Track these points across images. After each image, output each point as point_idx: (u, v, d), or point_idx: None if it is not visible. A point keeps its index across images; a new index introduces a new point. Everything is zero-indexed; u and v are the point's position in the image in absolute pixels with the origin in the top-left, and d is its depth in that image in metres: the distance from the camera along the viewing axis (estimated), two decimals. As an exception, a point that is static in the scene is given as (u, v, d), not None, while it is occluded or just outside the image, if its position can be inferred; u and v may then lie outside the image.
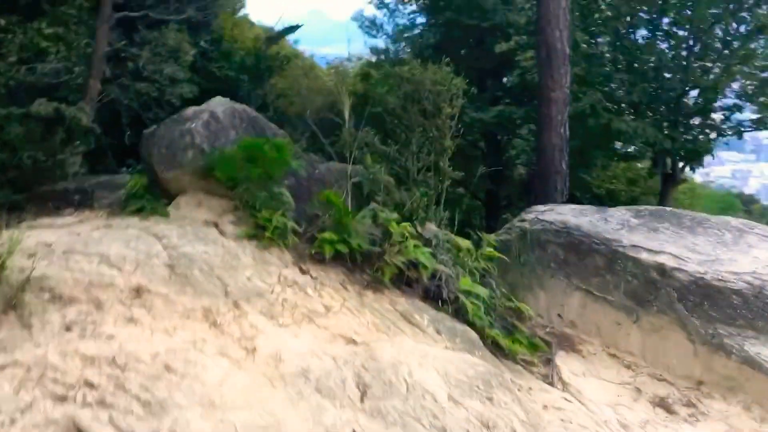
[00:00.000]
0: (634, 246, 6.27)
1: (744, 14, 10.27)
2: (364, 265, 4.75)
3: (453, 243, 5.30)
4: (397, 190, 5.38)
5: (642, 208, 7.28)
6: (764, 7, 10.02)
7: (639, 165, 12.89)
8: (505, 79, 13.57)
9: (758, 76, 10.52)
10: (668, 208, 7.32)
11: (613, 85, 11.14)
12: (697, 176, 12.09)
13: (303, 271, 4.61)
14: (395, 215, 4.97)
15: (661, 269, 6.01)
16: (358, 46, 17.46)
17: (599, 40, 11.43)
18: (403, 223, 4.99)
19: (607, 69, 11.29)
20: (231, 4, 13.46)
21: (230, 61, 12.63)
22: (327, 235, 4.74)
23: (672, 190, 12.10)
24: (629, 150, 11.57)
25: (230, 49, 12.95)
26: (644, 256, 6.15)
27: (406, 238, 4.83)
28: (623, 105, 11.17)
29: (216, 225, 4.85)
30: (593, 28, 11.19)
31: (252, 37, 14.33)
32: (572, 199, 9.42)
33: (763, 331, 5.69)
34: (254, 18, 16.64)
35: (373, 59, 15.21)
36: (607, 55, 11.55)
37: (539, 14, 8.17)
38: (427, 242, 5.03)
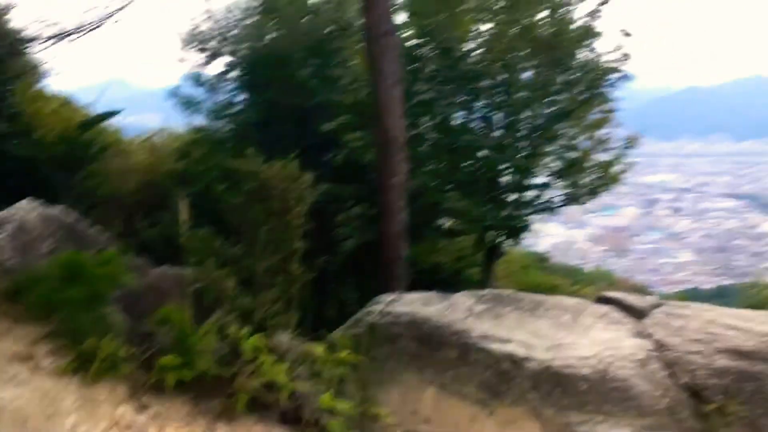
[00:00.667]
0: (484, 336, 6.23)
1: (551, 98, 11.11)
2: (214, 392, 4.17)
3: (308, 351, 4.87)
4: (244, 297, 4.87)
5: (483, 292, 7.35)
6: (569, 93, 10.90)
7: (458, 239, 13.29)
8: (330, 155, 13.49)
9: (565, 156, 11.36)
10: (507, 291, 7.45)
11: (437, 165, 11.50)
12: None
13: (141, 407, 3.92)
14: (245, 329, 4.45)
15: (512, 359, 6.01)
16: (168, 115, 16.67)
17: (422, 120, 11.77)
18: (254, 337, 4.48)
19: (431, 149, 11.65)
20: (30, 77, 12.18)
21: (29, 138, 11.35)
22: (168, 359, 4.11)
23: (494, 263, 12.60)
24: (455, 226, 11.90)
25: (29, 125, 11.64)
26: (495, 346, 6.12)
27: (260, 354, 4.32)
28: (448, 184, 11.53)
29: (29, 359, 4.01)
30: (416, 110, 11.51)
31: (54, 108, 13.04)
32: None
33: (611, 415, 5.82)
34: (55, 87, 15.19)
35: (192, 135, 14.51)
36: (430, 135, 11.94)
37: (376, 103, 8.21)
38: (281, 356, 4.56)
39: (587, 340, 6.31)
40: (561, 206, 11.70)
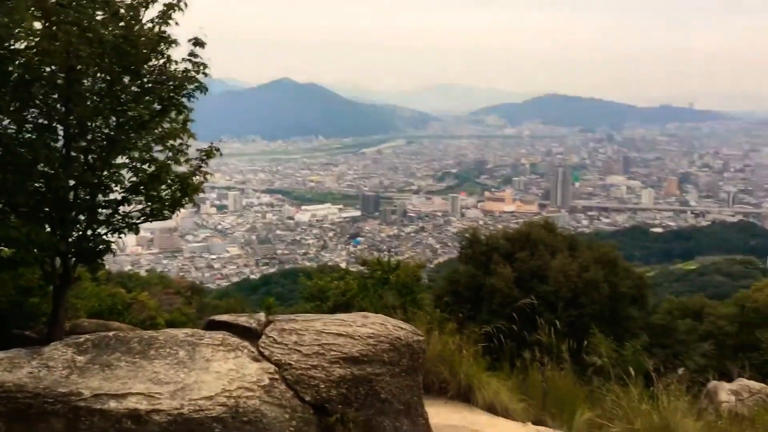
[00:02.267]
0: (97, 395, 5.32)
1: (122, 108, 10.18)
2: None
3: None
4: None
5: (82, 338, 6.29)
6: (143, 102, 10.13)
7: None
8: None
9: (143, 170, 10.58)
10: (111, 333, 6.53)
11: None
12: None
13: None
14: None
15: (136, 416, 5.27)
16: None
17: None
18: None
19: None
20: None
21: None
22: None
23: (67, 291, 11.14)
24: (15, 256, 10.04)
25: None
26: (113, 405, 5.28)
27: None
28: (5, 207, 9.68)
29: None
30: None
31: None
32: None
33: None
34: None
35: None
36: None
37: None
38: None
39: (211, 375, 5.92)
40: (142, 222, 10.92)
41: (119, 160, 10.71)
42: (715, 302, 26.24)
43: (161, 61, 10.12)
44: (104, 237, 10.60)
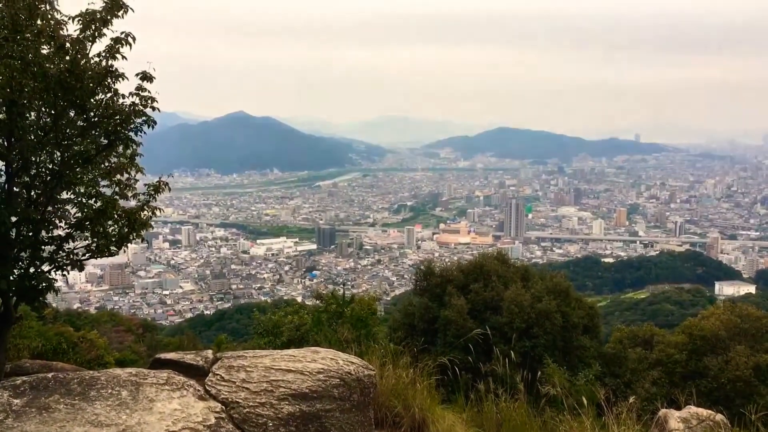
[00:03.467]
0: (34, 440, 5.10)
1: (68, 142, 9.96)
2: None
3: None
4: None
5: (19, 380, 6.05)
6: (89, 137, 9.96)
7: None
8: None
9: (89, 205, 10.32)
10: (50, 375, 6.29)
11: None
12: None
13: None
14: None
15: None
16: None
17: None
18: None
19: None
20: None
21: None
22: None
23: (7, 331, 10.72)
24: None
25: None
26: (49, 449, 5.06)
27: None
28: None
29: None
30: None
31: None
32: None
33: (192, 495, 5.39)
34: None
35: None
36: None
37: None
38: None
39: (155, 415, 5.74)
40: (87, 258, 10.61)
41: (64, 195, 10.44)
42: (664, 330, 26.70)
43: (108, 95, 9.95)
44: (47, 275, 10.25)
